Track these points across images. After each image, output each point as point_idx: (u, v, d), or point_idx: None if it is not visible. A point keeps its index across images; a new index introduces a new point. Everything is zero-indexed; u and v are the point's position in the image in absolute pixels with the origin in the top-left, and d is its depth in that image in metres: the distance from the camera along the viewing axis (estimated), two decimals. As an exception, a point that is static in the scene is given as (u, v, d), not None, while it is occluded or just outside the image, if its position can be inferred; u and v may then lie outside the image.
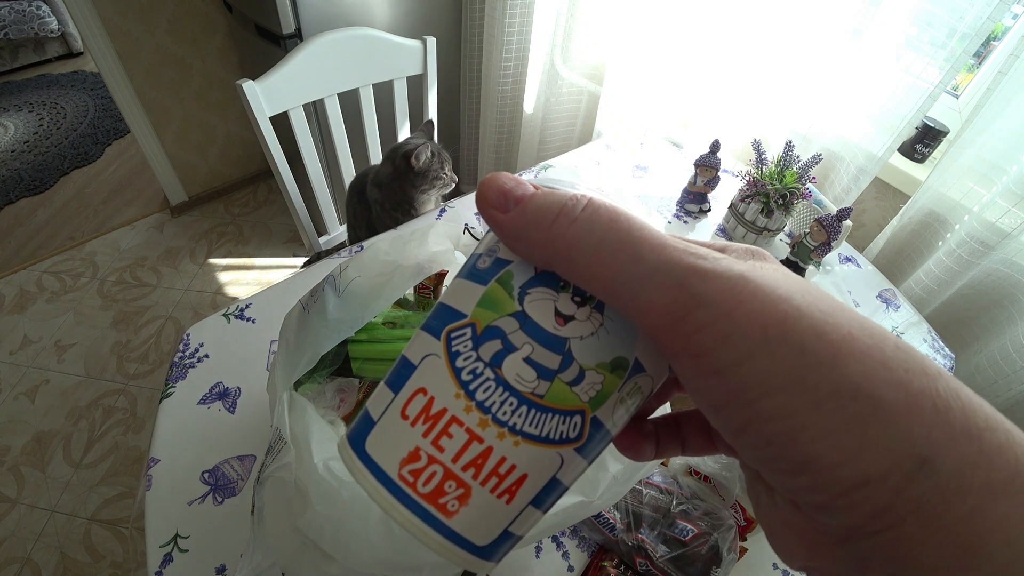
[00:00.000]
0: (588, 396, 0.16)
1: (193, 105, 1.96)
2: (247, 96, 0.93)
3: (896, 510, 0.12)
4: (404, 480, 0.15)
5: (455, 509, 0.15)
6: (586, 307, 0.16)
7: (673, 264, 0.14)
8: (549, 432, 0.15)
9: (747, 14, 1.19)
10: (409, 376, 0.16)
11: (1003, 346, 0.92)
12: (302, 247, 2.02)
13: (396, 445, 0.16)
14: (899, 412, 0.12)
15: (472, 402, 0.15)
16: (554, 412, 0.15)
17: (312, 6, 1.32)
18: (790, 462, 0.13)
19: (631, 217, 0.15)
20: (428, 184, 0.95)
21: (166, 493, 0.58)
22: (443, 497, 0.15)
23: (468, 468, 0.15)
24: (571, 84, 1.63)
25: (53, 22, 2.99)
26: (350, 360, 0.58)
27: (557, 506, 0.42)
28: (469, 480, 0.15)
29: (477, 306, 0.16)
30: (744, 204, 0.96)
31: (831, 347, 0.13)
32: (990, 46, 1.09)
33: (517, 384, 0.15)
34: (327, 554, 0.40)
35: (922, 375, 0.13)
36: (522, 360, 0.15)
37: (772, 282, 0.14)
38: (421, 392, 0.16)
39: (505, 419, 0.15)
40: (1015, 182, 0.85)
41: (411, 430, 0.15)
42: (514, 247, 0.17)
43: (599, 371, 0.15)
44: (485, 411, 0.15)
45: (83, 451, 1.46)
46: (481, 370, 0.15)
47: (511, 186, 0.17)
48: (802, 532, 0.15)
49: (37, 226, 2.11)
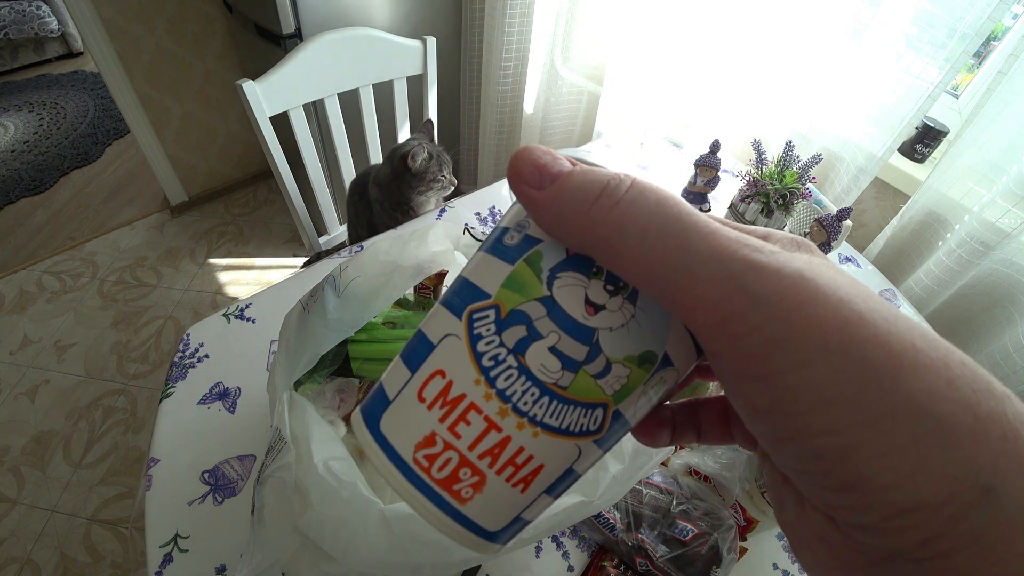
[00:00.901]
0: (612, 390, 0.15)
1: (193, 105, 1.96)
2: (247, 96, 0.93)
3: (950, 539, 0.11)
4: (419, 464, 0.15)
5: (469, 496, 0.15)
6: (618, 296, 0.15)
7: (727, 255, 0.13)
8: (570, 424, 0.15)
9: (747, 14, 1.19)
10: (427, 355, 0.16)
11: (1003, 346, 0.92)
12: (302, 247, 2.02)
13: (412, 428, 0.15)
14: (964, 436, 0.11)
15: (492, 390, 0.14)
16: (576, 404, 0.15)
17: (312, 6, 1.32)
18: (837, 479, 0.12)
19: (680, 200, 0.14)
20: (425, 186, 0.95)
21: (166, 493, 0.58)
22: (457, 484, 0.15)
23: (484, 457, 0.15)
24: (571, 84, 1.63)
25: (53, 22, 2.99)
26: (350, 360, 0.58)
27: (557, 506, 0.42)
28: (485, 469, 0.15)
29: (502, 287, 0.15)
30: (744, 204, 0.96)
31: (893, 359, 0.12)
32: (990, 46, 1.09)
33: (540, 374, 0.14)
34: (327, 554, 0.40)
35: (990, 397, 0.12)
36: (547, 349, 0.14)
37: (831, 283, 0.13)
38: (439, 375, 0.15)
39: (526, 409, 0.14)
40: (1015, 182, 0.85)
41: (428, 414, 0.15)
42: (547, 228, 0.15)
43: (626, 365, 0.15)
44: (505, 400, 0.14)
45: (83, 451, 1.46)
46: (504, 357, 0.14)
47: (547, 160, 0.15)
48: (834, 547, 0.14)
49: (37, 226, 2.11)
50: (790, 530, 0.16)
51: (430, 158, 0.94)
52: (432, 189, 0.96)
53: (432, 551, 0.39)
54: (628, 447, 0.46)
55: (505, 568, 0.56)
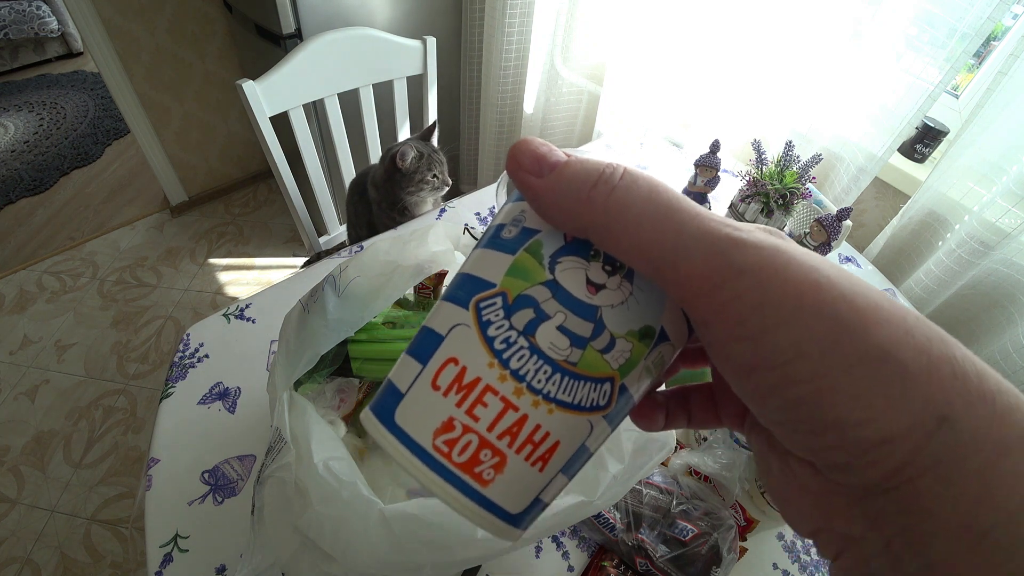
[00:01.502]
0: (618, 364, 0.16)
1: (193, 105, 1.96)
2: (247, 96, 0.93)
3: (914, 465, 0.13)
4: (439, 451, 0.15)
5: (490, 478, 0.15)
6: (616, 276, 0.16)
7: (713, 235, 0.15)
8: (581, 399, 0.16)
9: (747, 14, 1.19)
10: (437, 346, 0.16)
11: (1003, 346, 0.92)
12: (302, 247, 2.02)
13: (429, 416, 0.16)
14: (921, 376, 0.13)
15: (507, 371, 0.15)
16: (586, 379, 0.16)
17: (312, 6, 1.32)
18: (816, 422, 0.14)
19: (668, 188, 0.16)
20: (415, 187, 0.94)
21: (166, 493, 0.58)
22: (479, 466, 0.15)
23: (503, 436, 0.15)
24: (571, 84, 1.63)
25: (53, 22, 2.99)
26: (350, 360, 0.58)
27: (557, 506, 0.42)
28: (504, 448, 0.15)
29: (506, 275, 0.16)
30: (744, 204, 0.96)
31: (860, 315, 0.13)
32: (990, 46, 1.09)
33: (551, 352, 0.15)
34: (327, 554, 0.40)
35: (941, 343, 0.13)
36: (555, 328, 0.15)
37: (802, 254, 0.14)
38: (452, 362, 0.16)
39: (540, 387, 0.15)
40: (1015, 182, 0.85)
41: (444, 400, 0.15)
42: (547, 215, 0.16)
43: (628, 339, 0.16)
44: (520, 379, 0.15)
45: (83, 451, 1.46)
46: (515, 339, 0.15)
47: (544, 151, 0.17)
48: (817, 494, 0.16)
49: (37, 226, 2.11)
50: (776, 491, 0.17)
51: (420, 157, 0.93)
52: (422, 189, 0.95)
53: (432, 551, 0.39)
54: (628, 447, 0.46)
55: (505, 568, 0.56)
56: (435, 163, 0.96)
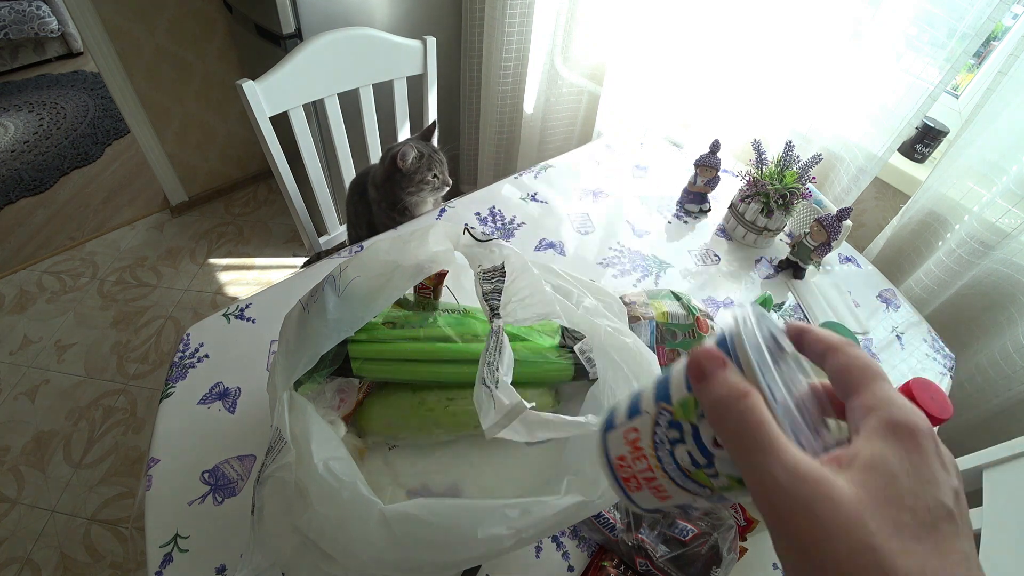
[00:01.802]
0: (717, 485, 0.24)
1: (193, 105, 1.96)
2: (247, 96, 0.93)
3: None
4: (615, 465, 0.27)
5: (634, 488, 0.27)
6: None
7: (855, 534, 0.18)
8: (687, 486, 0.25)
9: (747, 14, 1.19)
10: (636, 415, 0.26)
11: (1003, 346, 0.92)
12: (302, 247, 2.02)
13: (618, 447, 0.27)
14: None
15: (655, 453, 0.25)
16: (694, 481, 0.24)
17: (312, 6, 1.32)
18: None
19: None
20: (415, 187, 0.94)
21: (166, 493, 0.58)
22: (630, 483, 0.27)
23: (644, 478, 0.26)
24: (571, 84, 1.63)
25: (53, 22, 2.99)
26: (350, 360, 0.58)
27: (557, 506, 0.42)
28: (643, 483, 0.26)
29: (678, 404, 0.24)
30: (744, 204, 0.96)
31: None
32: (990, 46, 1.09)
33: (679, 460, 0.24)
34: (327, 554, 0.40)
35: None
36: (686, 451, 0.24)
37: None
38: (635, 431, 0.26)
39: (668, 471, 0.25)
40: (1015, 182, 0.85)
41: (625, 445, 0.26)
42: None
43: (728, 479, 0.23)
44: (660, 461, 0.25)
45: (83, 451, 1.46)
46: (665, 442, 0.25)
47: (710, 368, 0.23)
48: None
49: (37, 226, 2.11)
50: None
51: (420, 157, 0.93)
52: (422, 190, 0.95)
53: (432, 551, 0.39)
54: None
55: (505, 568, 0.56)
56: (435, 163, 0.95)
